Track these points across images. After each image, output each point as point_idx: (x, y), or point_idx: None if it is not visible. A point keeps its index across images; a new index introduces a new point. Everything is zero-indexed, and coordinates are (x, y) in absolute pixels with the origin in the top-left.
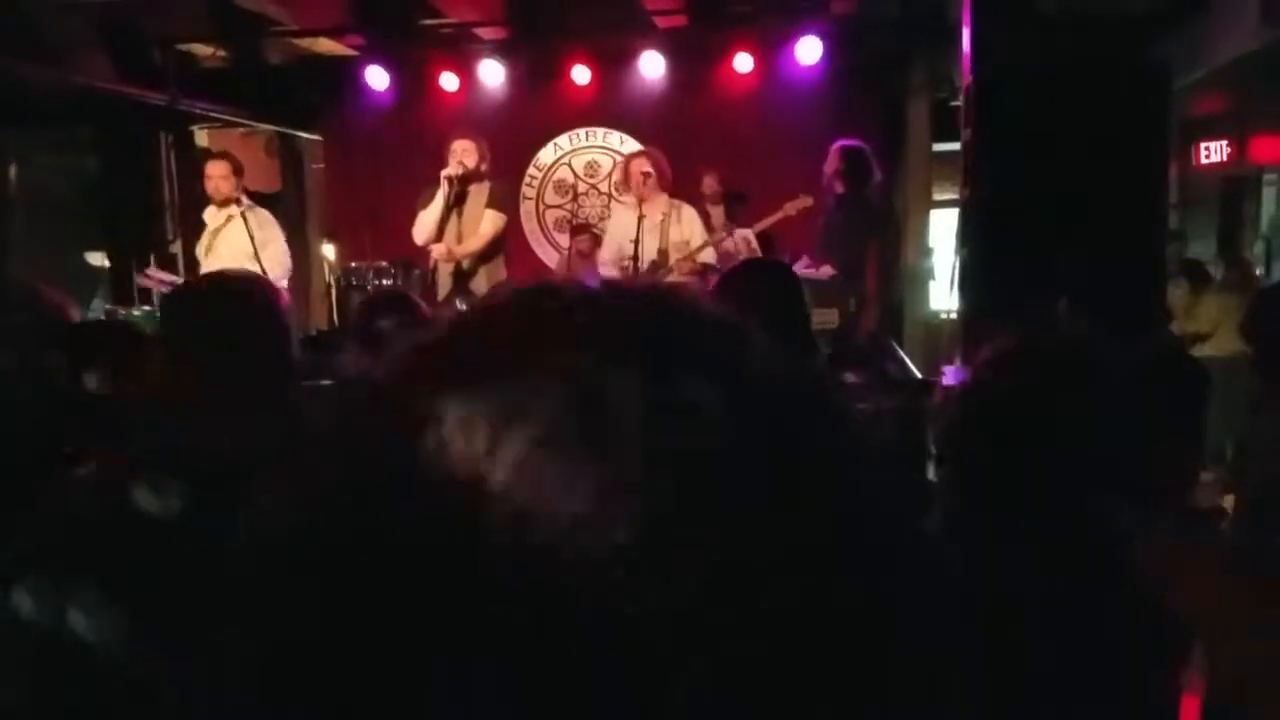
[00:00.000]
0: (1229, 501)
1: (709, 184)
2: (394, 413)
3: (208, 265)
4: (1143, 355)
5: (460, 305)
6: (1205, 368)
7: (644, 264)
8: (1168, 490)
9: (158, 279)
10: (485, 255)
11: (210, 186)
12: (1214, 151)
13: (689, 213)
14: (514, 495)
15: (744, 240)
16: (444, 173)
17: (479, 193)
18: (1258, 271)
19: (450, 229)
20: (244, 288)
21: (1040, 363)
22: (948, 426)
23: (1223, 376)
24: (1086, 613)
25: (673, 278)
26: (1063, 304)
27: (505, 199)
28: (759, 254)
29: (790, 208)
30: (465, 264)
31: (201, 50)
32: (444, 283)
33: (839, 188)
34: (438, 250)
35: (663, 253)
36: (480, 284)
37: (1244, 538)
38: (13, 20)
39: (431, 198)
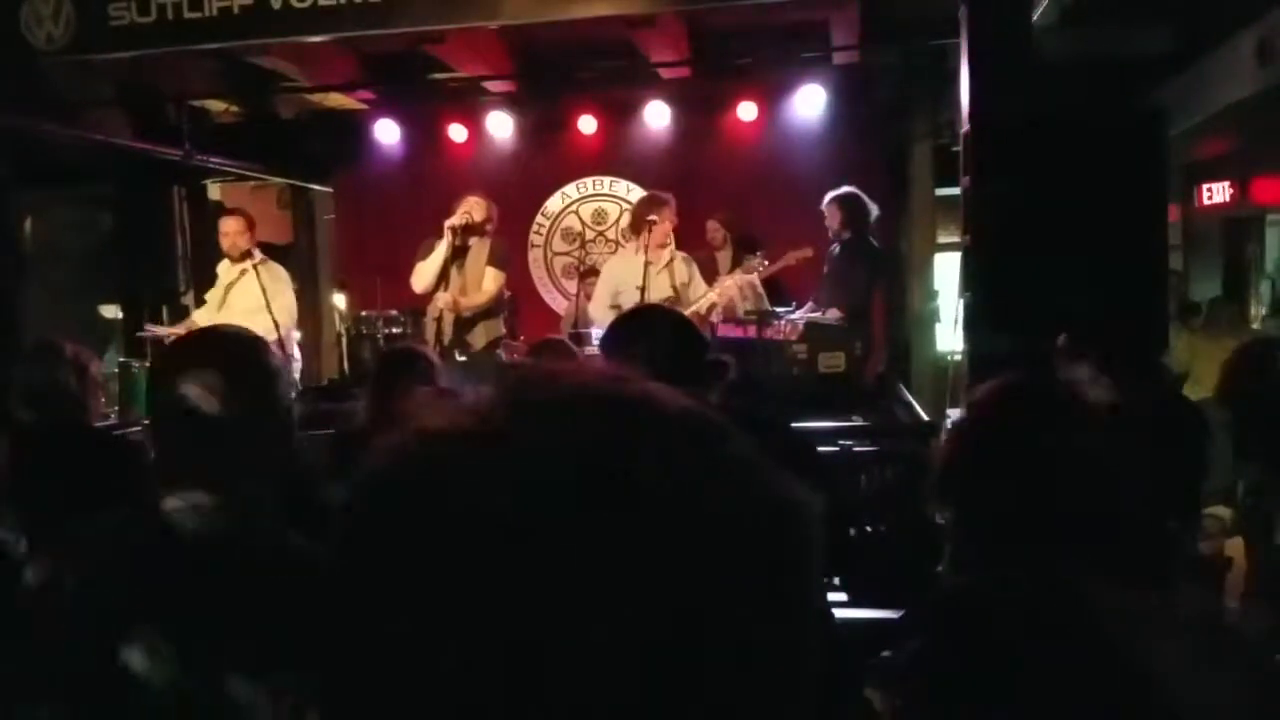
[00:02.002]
0: (1237, 544)
1: (712, 230)
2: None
3: (220, 317)
4: (1143, 399)
5: (459, 357)
6: (1203, 412)
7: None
8: (1167, 532)
9: (160, 333)
10: (486, 311)
11: (226, 243)
12: (1216, 193)
13: (683, 257)
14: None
15: (749, 286)
16: (447, 222)
17: (480, 248)
18: (1261, 311)
19: (453, 281)
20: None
21: (1029, 402)
22: (944, 467)
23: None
24: (1087, 668)
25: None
26: (1062, 340)
27: (505, 258)
28: (764, 299)
29: (792, 257)
30: (466, 316)
31: (215, 106)
32: (447, 332)
33: (846, 235)
34: (443, 300)
35: (676, 290)
36: (478, 337)
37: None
38: (30, 79)
39: (431, 249)
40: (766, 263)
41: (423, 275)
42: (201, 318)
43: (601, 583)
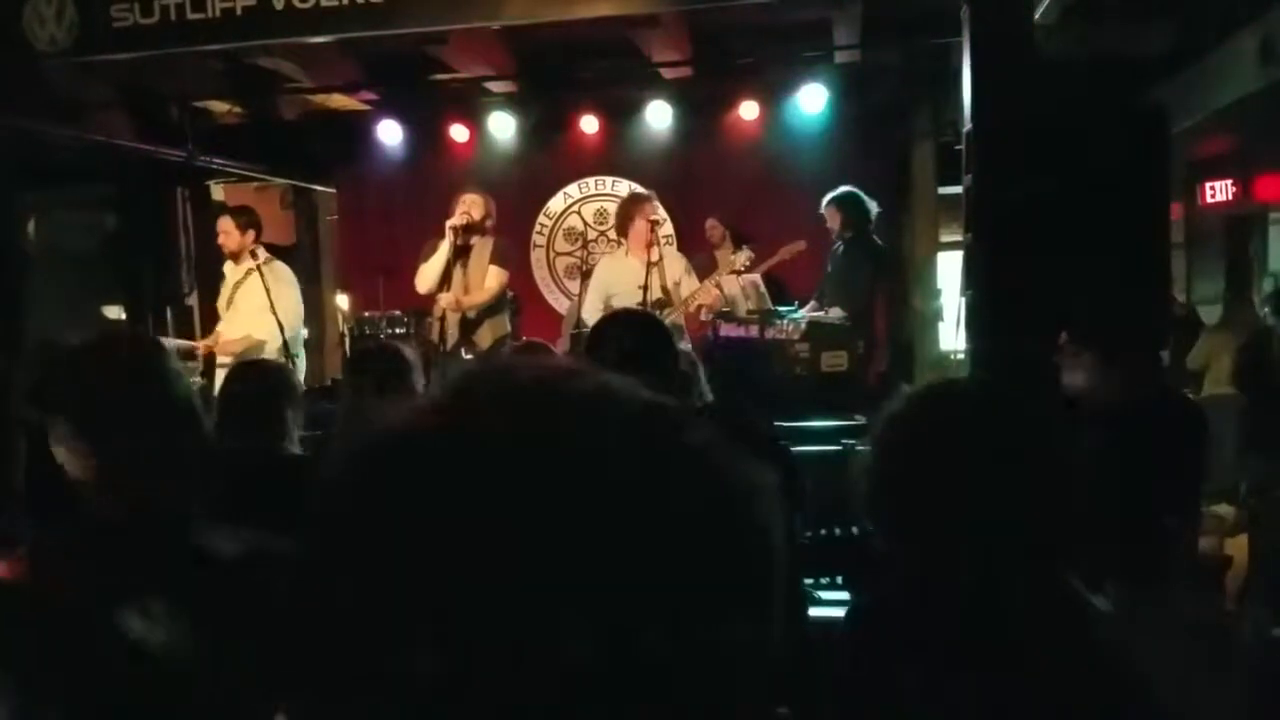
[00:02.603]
0: (1240, 543)
1: (711, 228)
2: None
3: (228, 319)
4: (1140, 398)
5: (465, 355)
6: (1201, 410)
7: (647, 306)
8: (1164, 530)
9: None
10: (490, 309)
11: (219, 242)
12: (1219, 191)
13: (670, 254)
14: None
15: (751, 284)
16: (449, 223)
17: (483, 247)
18: (1265, 309)
19: (456, 280)
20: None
21: (964, 406)
22: (881, 476)
23: (1236, 415)
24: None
25: (674, 317)
26: (1064, 337)
27: (508, 256)
28: (766, 298)
29: (785, 252)
30: (470, 315)
31: (218, 107)
32: (451, 332)
33: (848, 235)
34: (446, 300)
35: (666, 290)
36: (484, 336)
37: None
38: (33, 81)
39: (434, 249)
40: (752, 256)
41: (426, 276)
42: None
43: (553, 576)
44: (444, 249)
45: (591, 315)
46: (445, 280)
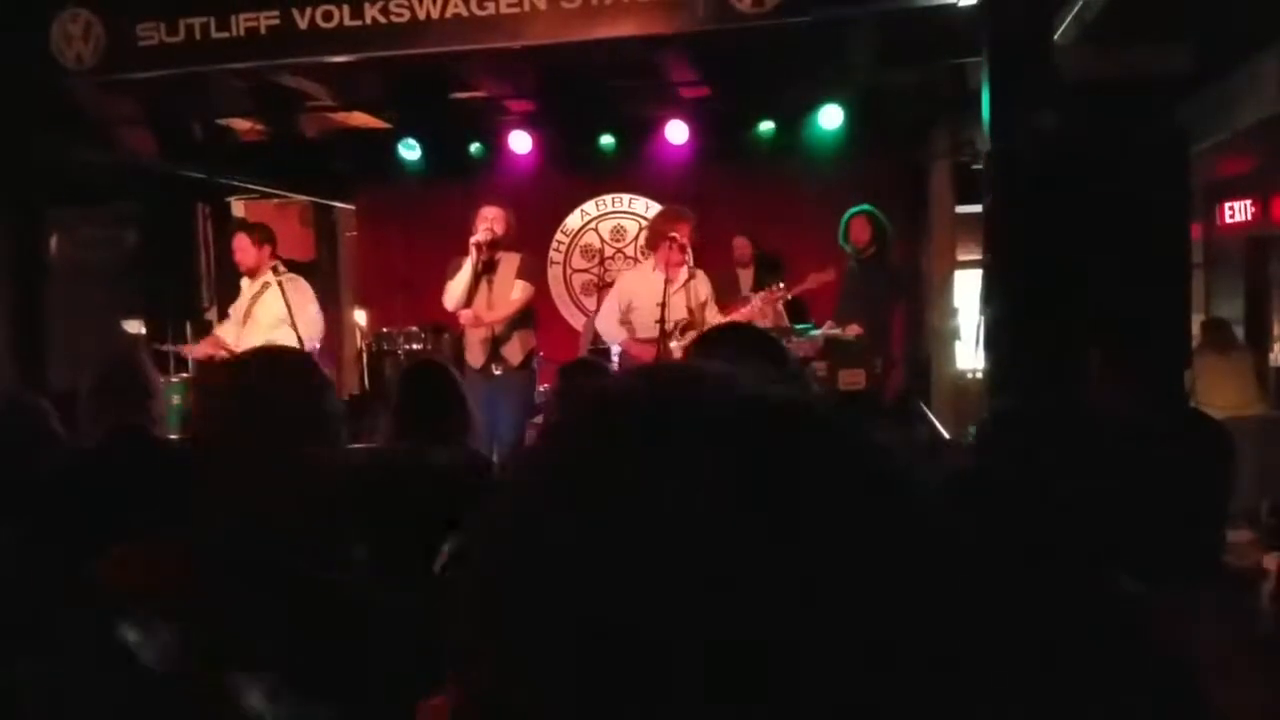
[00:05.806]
0: (1270, 561)
1: (741, 247)
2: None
3: (245, 331)
4: (1162, 417)
5: (495, 370)
6: (1227, 429)
7: (669, 324)
8: (1194, 553)
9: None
10: (518, 323)
11: (235, 258)
12: (1238, 212)
13: (702, 276)
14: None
15: (771, 305)
16: (473, 239)
17: (509, 262)
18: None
19: (480, 296)
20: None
21: (1041, 426)
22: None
23: (1258, 437)
24: (1099, 684)
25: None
26: (1095, 355)
27: (534, 270)
28: (784, 316)
29: (813, 280)
30: (498, 330)
31: (240, 125)
32: (474, 348)
33: (870, 251)
34: (466, 316)
35: (692, 311)
36: (514, 351)
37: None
38: (59, 97)
39: (460, 266)
40: (782, 285)
41: (452, 293)
42: (227, 332)
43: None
44: (468, 265)
45: (607, 323)
46: (470, 296)
